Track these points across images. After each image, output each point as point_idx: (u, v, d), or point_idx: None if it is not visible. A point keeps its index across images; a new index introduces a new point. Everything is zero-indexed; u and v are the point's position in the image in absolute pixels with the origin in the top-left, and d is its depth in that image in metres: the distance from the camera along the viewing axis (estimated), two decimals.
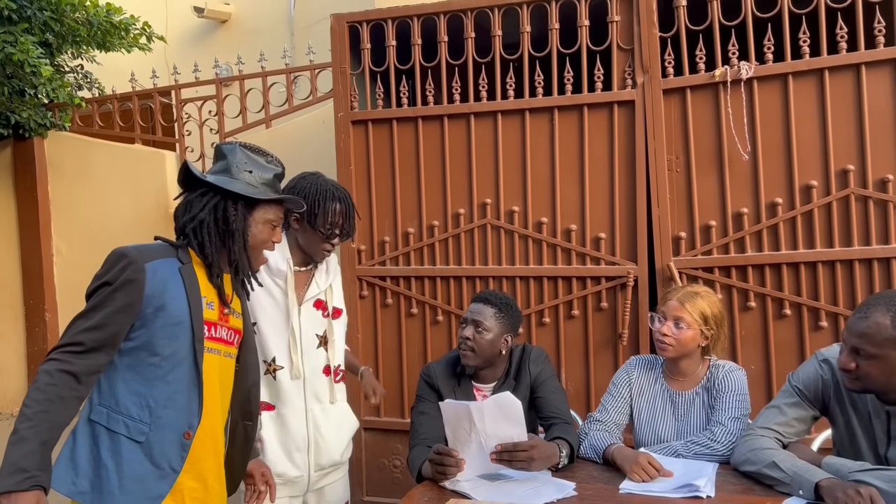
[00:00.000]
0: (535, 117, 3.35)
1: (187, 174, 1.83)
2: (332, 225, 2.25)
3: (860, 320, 1.84)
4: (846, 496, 1.71)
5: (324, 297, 2.34)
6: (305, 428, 2.25)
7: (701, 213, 3.13)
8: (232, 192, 1.79)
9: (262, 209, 1.84)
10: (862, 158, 2.93)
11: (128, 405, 1.69)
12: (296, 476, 2.24)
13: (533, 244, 3.36)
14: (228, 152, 1.85)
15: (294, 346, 2.24)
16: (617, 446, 2.18)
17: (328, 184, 2.28)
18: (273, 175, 1.87)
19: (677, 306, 2.27)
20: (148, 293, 1.68)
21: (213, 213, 1.79)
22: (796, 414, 2.07)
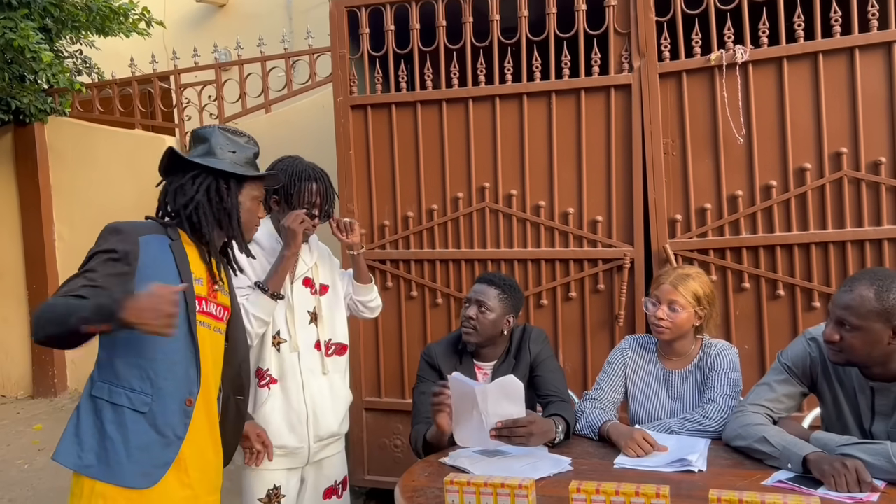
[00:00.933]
0: (532, 101, 3.38)
1: (172, 159, 1.88)
2: (309, 205, 2.32)
3: (845, 293, 1.89)
4: (832, 468, 1.76)
5: (311, 275, 2.42)
6: (303, 401, 2.34)
7: (696, 195, 3.17)
8: (223, 171, 1.86)
9: (249, 186, 1.92)
10: (855, 141, 2.97)
11: (129, 378, 1.74)
12: (297, 447, 2.33)
13: (531, 227, 3.40)
14: (209, 135, 1.91)
15: (291, 321, 2.33)
16: (612, 423, 2.23)
17: (305, 165, 2.35)
18: (252, 154, 1.95)
19: (671, 290, 2.31)
20: (140, 264, 1.73)
21: (207, 194, 1.85)
22: (785, 390, 2.13)
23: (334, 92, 3.66)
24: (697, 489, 1.79)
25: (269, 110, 5.29)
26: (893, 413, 1.94)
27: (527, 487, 1.72)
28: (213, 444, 1.90)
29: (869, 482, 1.73)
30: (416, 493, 1.91)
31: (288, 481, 2.35)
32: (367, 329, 3.68)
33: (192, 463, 1.81)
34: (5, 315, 6.07)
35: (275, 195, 2.34)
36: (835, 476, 1.75)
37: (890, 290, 1.85)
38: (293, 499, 2.38)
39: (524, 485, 1.72)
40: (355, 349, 3.68)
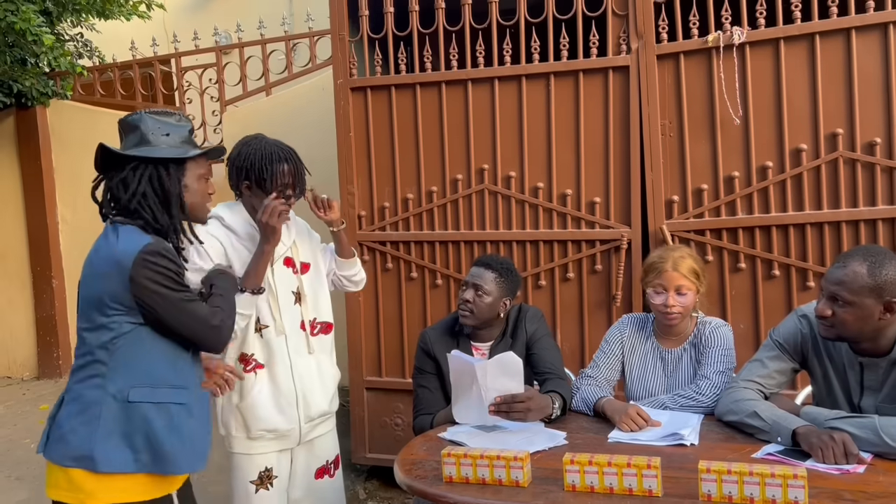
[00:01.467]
0: (531, 83, 3.40)
1: (105, 154, 1.85)
2: (283, 186, 2.24)
3: (838, 269, 1.93)
4: (820, 441, 1.81)
5: (291, 254, 2.37)
6: (292, 382, 2.32)
7: (693, 176, 3.20)
8: (161, 158, 1.83)
9: (192, 166, 1.89)
10: (851, 122, 2.99)
11: (165, 375, 1.82)
12: (287, 429, 2.31)
13: (529, 209, 3.43)
14: (138, 122, 1.86)
15: (274, 304, 2.29)
16: (607, 399, 2.28)
17: (273, 146, 2.26)
18: (188, 131, 1.92)
19: (676, 275, 2.31)
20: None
21: (150, 184, 1.83)
22: (777, 366, 2.17)
23: (334, 74, 3.68)
24: (689, 461, 1.84)
25: (269, 93, 5.30)
26: (882, 388, 1.98)
27: (522, 459, 1.77)
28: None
29: (856, 454, 1.78)
30: (414, 466, 1.96)
31: (279, 462, 2.35)
32: (367, 310, 3.72)
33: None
34: (10, 297, 6.13)
35: (245, 180, 2.26)
36: (822, 448, 1.79)
37: (882, 265, 1.89)
38: (285, 479, 2.38)
39: (519, 457, 1.77)
40: (356, 330, 3.73)
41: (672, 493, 1.67)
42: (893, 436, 1.78)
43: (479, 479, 1.80)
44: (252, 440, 2.30)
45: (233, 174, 2.30)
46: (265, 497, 2.32)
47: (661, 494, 1.66)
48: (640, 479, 1.67)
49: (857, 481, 1.68)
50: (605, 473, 1.69)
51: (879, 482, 1.67)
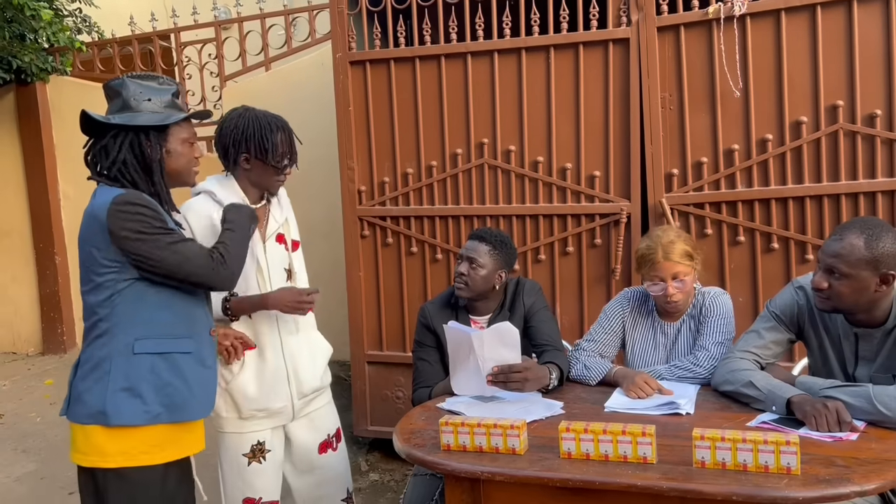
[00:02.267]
0: (531, 56, 3.38)
1: (88, 121, 1.84)
2: (281, 156, 2.23)
3: (835, 241, 1.94)
4: (814, 409, 1.83)
5: (283, 231, 2.36)
6: (283, 359, 2.30)
7: (693, 149, 3.19)
8: (142, 125, 1.82)
9: (175, 130, 1.88)
10: (851, 94, 2.97)
11: (169, 325, 1.85)
12: (280, 407, 2.30)
13: (529, 183, 3.43)
14: (120, 87, 1.85)
15: (263, 282, 2.27)
16: (619, 368, 2.31)
17: (268, 116, 2.23)
18: (171, 95, 1.89)
19: (668, 264, 2.29)
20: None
21: (131, 151, 1.83)
22: (773, 337, 2.18)
23: (333, 48, 3.66)
24: (683, 430, 1.86)
25: (269, 68, 5.28)
26: (876, 358, 2.00)
27: (518, 428, 1.79)
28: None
29: (849, 422, 1.80)
30: (412, 435, 1.98)
31: (273, 438, 2.33)
32: (368, 284, 3.74)
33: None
34: (14, 274, 6.16)
35: (245, 152, 2.21)
36: (816, 416, 1.81)
37: (879, 238, 1.90)
38: (280, 453, 2.37)
39: (516, 425, 1.79)
40: (357, 304, 3.75)
41: (666, 460, 1.69)
42: (887, 404, 1.80)
43: (477, 447, 1.82)
44: (244, 420, 2.28)
45: (229, 146, 2.23)
46: (258, 470, 2.31)
47: (656, 461, 1.68)
48: (635, 447, 1.69)
49: (850, 448, 1.71)
50: (600, 441, 1.71)
51: (871, 449, 1.69)
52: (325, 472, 2.47)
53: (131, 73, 1.93)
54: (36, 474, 3.90)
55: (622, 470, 1.66)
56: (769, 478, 1.57)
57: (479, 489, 1.79)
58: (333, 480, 2.50)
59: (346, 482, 2.54)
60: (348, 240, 3.72)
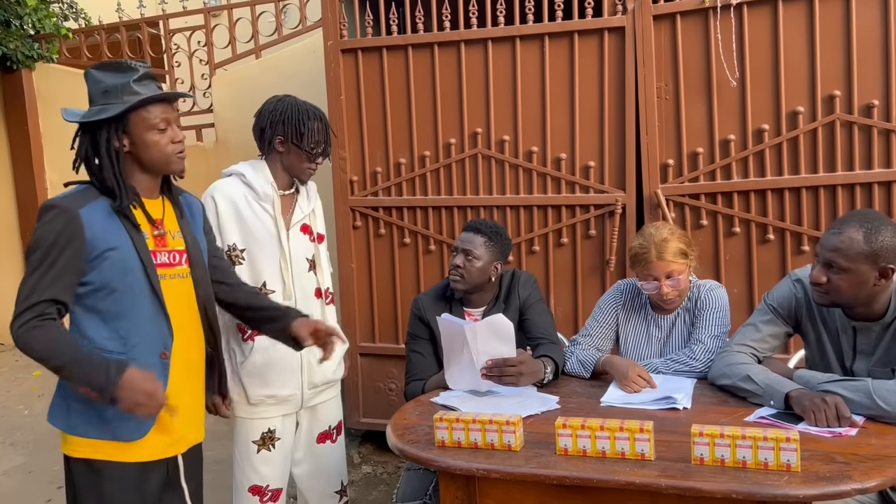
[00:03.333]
0: (525, 44, 3.34)
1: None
2: (315, 144, 2.27)
3: (834, 235, 1.91)
4: (813, 404, 1.81)
5: (308, 222, 2.37)
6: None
7: (689, 140, 3.16)
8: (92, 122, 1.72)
9: (136, 119, 1.73)
10: (848, 84, 2.95)
11: (101, 341, 1.73)
12: (289, 394, 2.32)
13: (523, 173, 3.40)
14: (87, 81, 1.76)
15: (286, 269, 2.29)
16: (608, 357, 2.27)
17: (306, 104, 2.29)
18: (132, 81, 1.73)
19: (662, 263, 2.25)
20: (89, 238, 1.68)
21: (88, 148, 1.75)
22: (771, 330, 2.16)
23: (324, 35, 3.60)
24: (681, 425, 1.84)
25: (259, 56, 5.21)
26: (874, 351, 1.98)
27: (514, 424, 1.76)
28: (194, 388, 1.92)
29: (848, 417, 1.78)
30: (406, 431, 1.95)
31: (283, 425, 2.35)
32: (361, 276, 3.70)
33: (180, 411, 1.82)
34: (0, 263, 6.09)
35: (279, 136, 2.24)
36: (815, 411, 1.79)
37: (878, 231, 1.87)
38: (289, 442, 2.39)
39: (512, 421, 1.77)
40: (349, 296, 3.71)
41: (664, 456, 1.67)
42: (886, 399, 1.78)
43: (472, 443, 1.79)
44: (253, 405, 2.29)
45: (266, 128, 2.27)
46: (267, 458, 2.33)
47: (654, 458, 1.66)
48: (633, 443, 1.66)
49: (849, 444, 1.69)
50: (597, 437, 1.69)
51: (871, 445, 1.68)
52: (321, 461, 2.48)
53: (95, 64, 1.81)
54: (24, 468, 3.86)
55: (620, 467, 1.64)
56: (769, 475, 1.55)
57: (475, 486, 1.77)
58: (328, 471, 2.50)
59: (341, 474, 2.55)
60: (340, 231, 3.68)
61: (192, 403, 1.92)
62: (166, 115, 1.77)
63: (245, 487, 2.35)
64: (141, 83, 1.73)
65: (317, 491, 2.51)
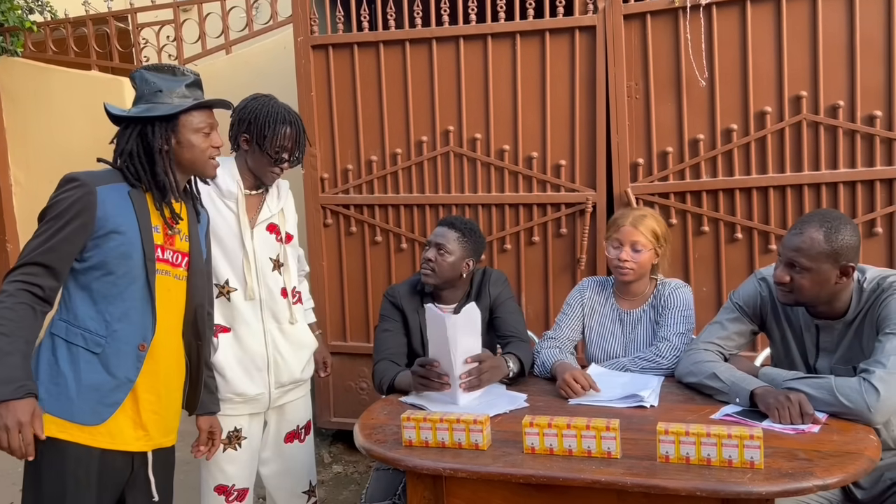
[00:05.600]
0: (497, 42, 3.33)
1: (108, 114, 1.87)
2: (280, 149, 2.23)
3: (795, 236, 1.94)
4: (777, 401, 1.83)
5: (276, 221, 2.34)
6: (264, 347, 2.29)
7: (658, 139, 3.18)
8: (147, 117, 1.81)
9: (184, 121, 1.85)
10: (815, 85, 2.99)
11: (85, 320, 1.76)
12: (256, 394, 2.29)
13: (495, 172, 3.39)
14: (138, 80, 1.87)
15: (248, 268, 2.25)
16: (560, 361, 2.27)
17: (280, 107, 2.25)
18: (185, 85, 1.87)
19: (631, 230, 2.33)
20: (100, 216, 1.73)
21: (137, 142, 1.82)
22: (736, 328, 2.18)
23: (294, 31, 3.57)
24: (648, 423, 1.85)
25: (229, 51, 5.14)
26: (836, 349, 2.01)
27: (482, 423, 1.76)
28: (168, 389, 1.90)
29: (811, 414, 1.80)
30: (374, 431, 1.94)
31: (250, 425, 2.33)
32: (331, 274, 3.68)
33: (145, 405, 1.82)
34: None
35: (245, 134, 2.24)
36: (779, 408, 1.81)
37: (838, 231, 1.90)
38: (256, 441, 2.37)
39: (479, 420, 1.76)
40: (320, 294, 3.68)
41: (630, 454, 1.68)
42: (848, 396, 1.80)
43: (439, 442, 1.78)
44: (221, 401, 2.23)
45: (235, 125, 2.26)
46: (233, 457, 2.30)
47: (620, 456, 1.66)
48: (599, 441, 1.66)
49: (812, 441, 1.70)
50: (564, 436, 1.69)
51: (833, 441, 1.69)
52: (289, 461, 2.46)
53: (148, 65, 1.91)
54: None
55: (586, 465, 1.64)
56: (733, 472, 1.56)
57: (442, 485, 1.76)
58: (296, 471, 2.48)
59: (309, 474, 2.53)
60: (310, 228, 3.65)
61: (166, 404, 1.90)
62: (211, 121, 1.90)
63: (211, 487, 2.32)
64: (191, 89, 1.87)
65: (285, 491, 2.48)
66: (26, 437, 1.59)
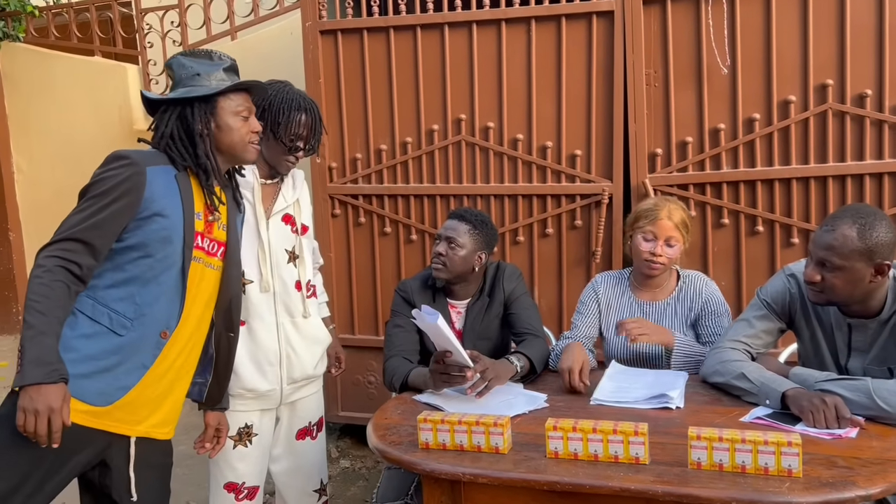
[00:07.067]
0: (511, 28, 3.23)
1: (144, 101, 1.85)
2: (295, 136, 2.17)
3: (827, 233, 1.84)
4: (811, 404, 1.74)
5: (292, 212, 2.28)
6: (277, 342, 2.23)
7: (678, 128, 3.08)
8: (185, 98, 1.79)
9: (223, 103, 1.82)
10: (841, 73, 2.89)
11: (114, 300, 1.70)
12: (267, 390, 2.23)
13: (508, 161, 3.30)
14: (175, 66, 1.85)
15: (263, 259, 2.19)
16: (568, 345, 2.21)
17: (296, 93, 2.19)
18: (222, 69, 1.85)
19: (668, 224, 2.26)
20: (147, 196, 1.69)
21: (177, 125, 1.80)
22: (764, 326, 2.10)
23: (302, 16, 3.48)
24: (675, 426, 1.77)
25: (234, 37, 5.05)
26: (870, 349, 1.92)
27: (502, 425, 1.68)
28: (178, 379, 1.84)
29: (848, 418, 1.71)
30: (388, 431, 1.86)
31: (262, 421, 2.27)
32: (339, 266, 3.60)
33: (149, 392, 1.75)
34: None
35: (260, 119, 2.15)
36: (813, 412, 1.73)
37: (872, 227, 1.80)
38: (268, 438, 2.31)
39: (499, 422, 1.68)
40: (327, 286, 3.59)
41: (659, 460, 1.60)
42: (887, 399, 1.72)
43: (457, 445, 1.71)
44: (231, 397, 2.18)
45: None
46: (243, 454, 2.23)
47: (649, 462, 1.58)
48: (627, 446, 1.58)
49: (850, 447, 1.62)
50: (589, 440, 1.61)
51: (873, 448, 1.61)
52: (300, 459, 2.40)
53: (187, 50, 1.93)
54: None
55: (613, 472, 1.56)
56: (769, 481, 1.48)
57: (460, 491, 1.68)
58: (307, 469, 2.42)
59: (321, 472, 2.46)
60: (318, 219, 3.56)
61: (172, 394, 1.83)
62: (249, 105, 1.87)
63: (220, 484, 2.26)
64: (228, 73, 1.85)
65: (295, 489, 2.42)
66: (55, 423, 1.53)
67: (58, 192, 5.49)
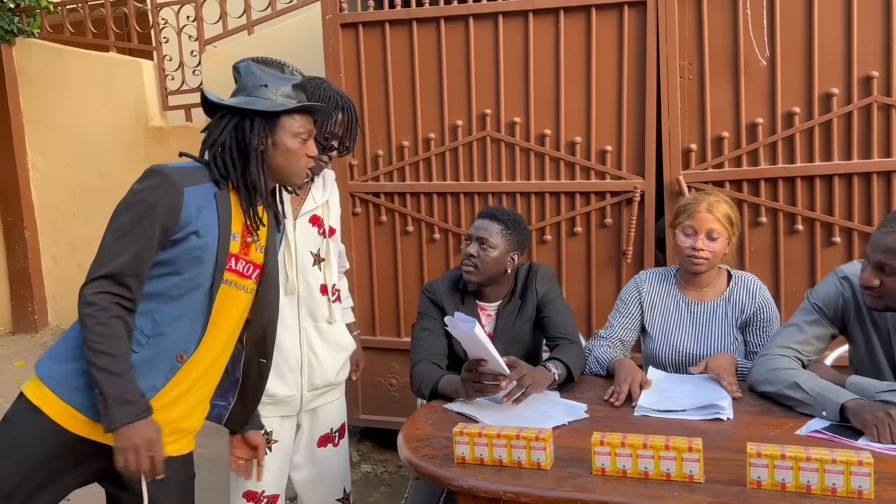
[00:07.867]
0: (538, 19, 3.13)
1: (204, 102, 1.76)
2: (330, 135, 2.09)
3: (886, 234, 1.74)
4: (875, 418, 1.63)
5: (320, 213, 2.20)
6: (299, 347, 2.15)
7: (713, 123, 2.97)
8: (248, 109, 1.69)
9: (285, 122, 1.72)
10: (887, 64, 2.76)
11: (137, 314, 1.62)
12: (287, 395, 2.15)
13: (535, 158, 3.20)
14: (242, 70, 1.76)
15: (289, 261, 2.11)
16: (619, 359, 2.12)
17: (333, 91, 2.11)
18: (291, 86, 1.74)
19: (707, 217, 2.17)
20: (183, 217, 1.62)
21: (232, 135, 1.70)
22: (815, 332, 1.99)
23: (322, 9, 3.39)
24: (727, 439, 1.67)
25: (251, 32, 4.98)
26: None
27: (544, 440, 1.58)
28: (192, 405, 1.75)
29: None
30: (421, 444, 1.77)
31: (282, 428, 2.20)
32: (360, 266, 3.51)
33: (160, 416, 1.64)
34: None
35: None
36: (878, 426, 1.62)
37: None
38: (288, 446, 2.24)
39: (541, 436, 1.58)
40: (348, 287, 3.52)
41: (715, 478, 1.49)
42: None
43: (496, 460, 1.61)
44: None
45: None
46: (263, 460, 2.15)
47: (703, 480, 1.48)
48: (680, 464, 1.48)
49: None
50: (639, 456, 1.51)
51: None
52: (322, 467, 2.32)
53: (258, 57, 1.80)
54: None
55: (666, 491, 1.46)
56: (837, 502, 1.37)
57: None
58: (330, 477, 2.34)
59: (344, 481, 2.38)
60: None
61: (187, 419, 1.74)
62: (310, 128, 1.78)
63: (240, 492, 2.19)
64: (296, 90, 1.75)
65: (317, 498, 2.35)
66: (158, 454, 1.56)
67: (73, 190, 5.44)
